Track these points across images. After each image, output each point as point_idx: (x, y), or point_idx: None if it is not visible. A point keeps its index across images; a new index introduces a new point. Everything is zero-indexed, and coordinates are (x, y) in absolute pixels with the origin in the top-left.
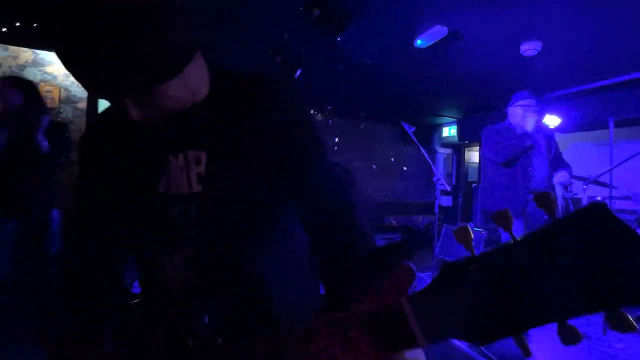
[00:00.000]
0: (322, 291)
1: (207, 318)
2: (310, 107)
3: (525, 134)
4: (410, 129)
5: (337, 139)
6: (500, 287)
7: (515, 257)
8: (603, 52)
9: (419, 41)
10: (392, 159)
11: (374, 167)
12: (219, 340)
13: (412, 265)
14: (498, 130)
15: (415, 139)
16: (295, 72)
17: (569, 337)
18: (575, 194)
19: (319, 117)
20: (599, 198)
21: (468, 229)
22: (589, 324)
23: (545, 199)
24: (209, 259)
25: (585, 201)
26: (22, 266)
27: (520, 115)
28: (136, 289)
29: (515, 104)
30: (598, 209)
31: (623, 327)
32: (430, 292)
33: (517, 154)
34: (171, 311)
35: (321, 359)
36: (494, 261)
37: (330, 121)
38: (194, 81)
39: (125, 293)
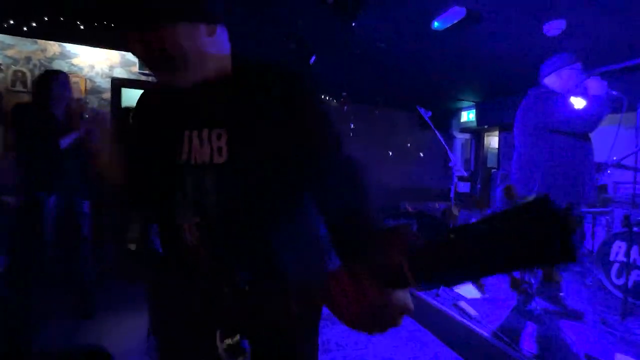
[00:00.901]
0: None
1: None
2: (325, 94)
3: (593, 97)
4: (427, 114)
5: (352, 125)
6: (466, 248)
7: (477, 228)
8: (631, 31)
9: (436, 23)
10: (409, 145)
11: (390, 153)
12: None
13: (412, 227)
14: (560, 97)
15: (431, 124)
16: (310, 59)
17: (514, 284)
18: (598, 179)
19: (335, 103)
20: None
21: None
22: (607, 311)
23: (510, 192)
24: (223, 226)
25: (610, 187)
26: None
27: (573, 81)
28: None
29: (565, 67)
30: (538, 201)
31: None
32: (421, 251)
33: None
34: (190, 274)
35: (339, 295)
36: (465, 230)
37: (346, 107)
38: (217, 50)
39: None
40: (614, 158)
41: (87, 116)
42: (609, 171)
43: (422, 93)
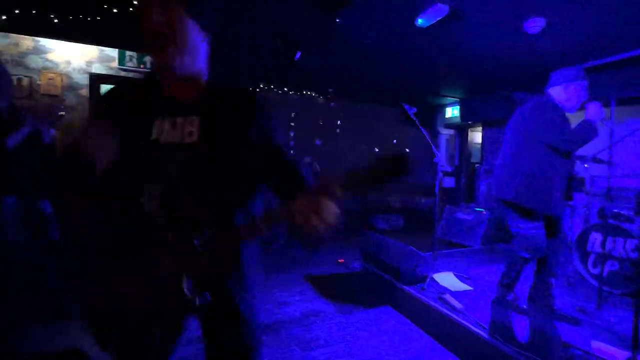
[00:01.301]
0: None
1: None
2: (312, 90)
3: (588, 122)
4: (411, 110)
5: (339, 122)
6: (361, 174)
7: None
8: (606, 29)
9: (419, 20)
10: (395, 141)
11: (376, 149)
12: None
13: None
14: (561, 112)
15: (416, 120)
16: (295, 55)
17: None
18: (577, 172)
19: (321, 100)
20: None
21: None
22: (584, 300)
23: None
24: (187, 194)
25: (588, 181)
26: None
27: (577, 97)
28: None
29: (574, 81)
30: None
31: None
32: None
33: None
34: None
35: (302, 209)
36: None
37: (333, 104)
38: (202, 58)
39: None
40: (586, 154)
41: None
42: (586, 165)
43: (407, 89)
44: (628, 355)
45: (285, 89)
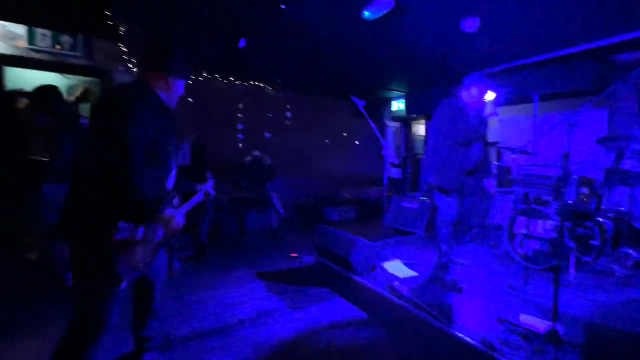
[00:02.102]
0: None
1: None
2: (259, 80)
3: (481, 119)
4: (360, 103)
5: (289, 114)
6: None
7: None
8: (530, 33)
9: (366, 12)
10: (345, 133)
11: (327, 141)
12: None
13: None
14: (455, 108)
15: (365, 113)
16: (239, 42)
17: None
18: (505, 162)
19: (270, 90)
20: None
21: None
22: (513, 277)
23: None
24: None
25: (514, 170)
26: None
27: (477, 98)
28: None
29: (473, 85)
30: None
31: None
32: None
33: (472, 138)
34: None
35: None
36: None
37: (280, 95)
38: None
39: None
40: (517, 144)
41: None
42: (513, 155)
43: (356, 82)
44: (549, 325)
45: (231, 79)
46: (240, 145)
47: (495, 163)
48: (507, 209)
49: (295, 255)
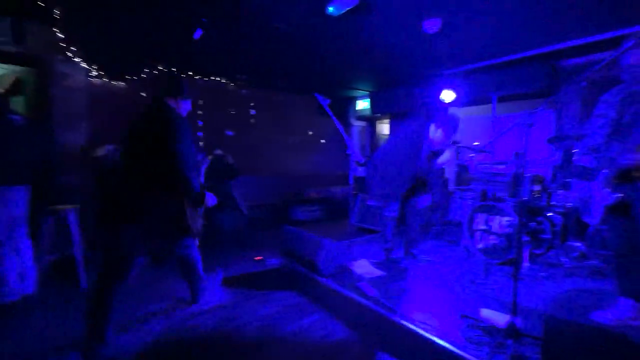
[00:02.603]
0: None
1: None
2: (221, 76)
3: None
4: (325, 102)
5: (253, 112)
6: None
7: None
8: (488, 36)
9: (330, 8)
10: (310, 132)
11: (293, 140)
12: None
13: None
14: (422, 134)
15: (330, 112)
16: (195, 33)
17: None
18: (464, 161)
19: (232, 86)
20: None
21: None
22: (474, 272)
23: None
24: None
25: (472, 167)
26: None
27: (440, 137)
28: None
29: (442, 125)
30: None
31: None
32: None
33: (424, 164)
34: None
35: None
36: None
37: (244, 91)
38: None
39: None
40: (475, 143)
41: None
42: (472, 154)
43: (321, 80)
44: (509, 318)
45: (190, 73)
46: (201, 144)
47: (457, 162)
48: (467, 207)
49: (260, 258)
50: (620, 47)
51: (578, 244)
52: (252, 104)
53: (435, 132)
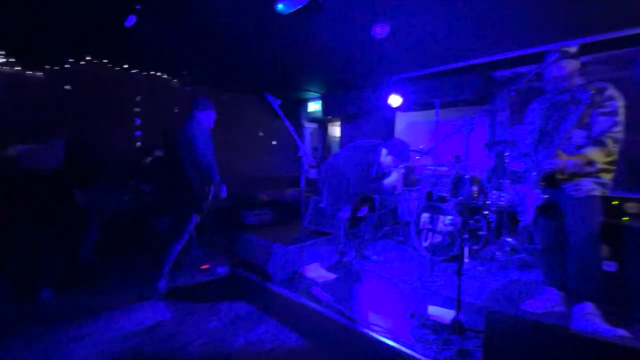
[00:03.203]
0: None
1: None
2: (162, 71)
3: (382, 187)
4: (276, 102)
5: None
6: None
7: None
8: (430, 46)
9: (280, 5)
10: (261, 133)
11: (243, 141)
12: None
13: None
14: (372, 158)
15: (280, 113)
16: (127, 20)
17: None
18: (410, 163)
19: (174, 82)
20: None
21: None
22: (421, 270)
23: None
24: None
25: (417, 169)
26: None
27: (388, 164)
28: None
29: (394, 154)
30: None
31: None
32: None
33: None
34: None
35: None
36: None
37: (188, 88)
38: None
39: None
40: (420, 146)
41: None
42: (418, 157)
43: (271, 80)
44: (454, 314)
45: (126, 66)
46: (139, 143)
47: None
48: (414, 207)
49: (206, 266)
50: (544, 61)
51: (509, 240)
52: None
53: (385, 157)
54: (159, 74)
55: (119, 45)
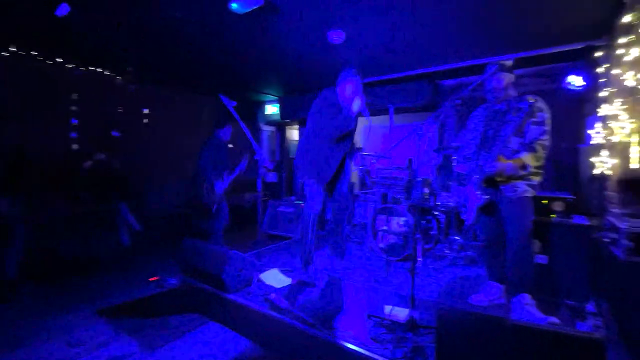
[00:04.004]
0: None
1: None
2: (99, 65)
3: (350, 116)
4: (231, 104)
5: (146, 110)
6: None
7: None
8: (383, 54)
9: (234, 4)
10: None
11: (197, 144)
12: None
13: None
14: (332, 104)
15: (236, 115)
16: (58, 8)
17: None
18: (366, 166)
19: (118, 80)
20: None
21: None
22: (377, 270)
23: None
24: None
25: (373, 172)
26: None
27: (350, 94)
28: None
29: (347, 82)
30: None
31: None
32: None
33: (342, 136)
34: None
35: None
36: None
37: (134, 87)
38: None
39: None
40: (375, 153)
41: None
42: (373, 160)
43: (227, 81)
44: (408, 312)
45: (60, 60)
46: (76, 146)
47: (360, 167)
48: (370, 209)
49: (155, 278)
50: (484, 73)
51: (457, 238)
52: (145, 102)
53: (344, 90)
54: (99, 70)
55: (50, 37)
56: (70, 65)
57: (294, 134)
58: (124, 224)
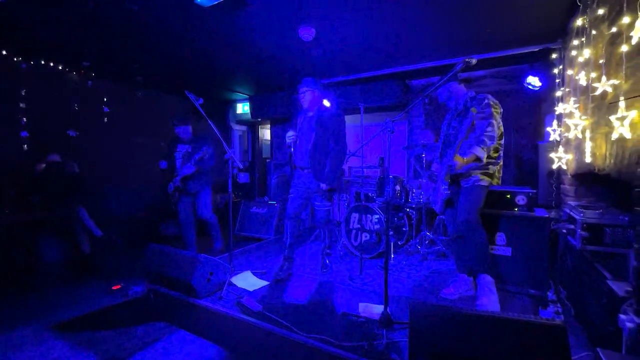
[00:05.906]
0: None
1: None
2: (52, 59)
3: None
4: (197, 101)
5: (106, 108)
6: None
7: None
8: (353, 54)
9: None
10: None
11: (162, 143)
12: None
13: None
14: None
15: (203, 112)
16: None
17: None
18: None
19: (74, 76)
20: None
21: None
22: (352, 269)
23: None
24: None
25: (346, 172)
26: None
27: (309, 101)
28: None
29: (307, 90)
30: None
31: None
32: None
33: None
34: None
35: None
36: None
37: (90, 83)
38: None
39: None
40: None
41: None
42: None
43: (194, 78)
44: (382, 309)
45: (4, 52)
46: (26, 147)
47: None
48: (343, 207)
49: (118, 287)
50: (449, 73)
51: (429, 234)
52: (105, 99)
53: (305, 98)
54: (51, 64)
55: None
56: (17, 59)
57: (266, 133)
58: (82, 230)
